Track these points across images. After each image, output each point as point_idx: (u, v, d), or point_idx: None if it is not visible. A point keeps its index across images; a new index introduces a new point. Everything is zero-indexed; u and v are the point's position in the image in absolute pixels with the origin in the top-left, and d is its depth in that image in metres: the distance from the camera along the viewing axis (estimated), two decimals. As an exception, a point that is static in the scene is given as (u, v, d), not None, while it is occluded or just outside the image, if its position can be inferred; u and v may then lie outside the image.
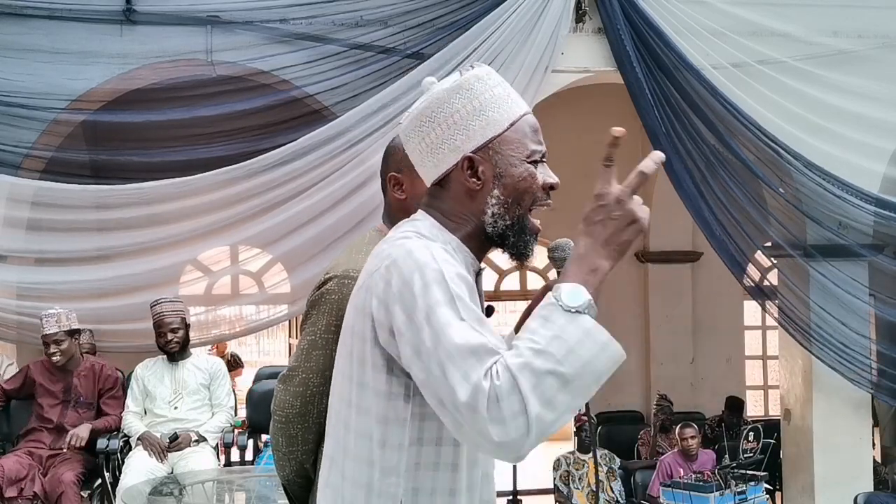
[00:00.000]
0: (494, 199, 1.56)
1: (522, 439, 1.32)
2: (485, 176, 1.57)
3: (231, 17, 5.54)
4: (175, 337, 5.35)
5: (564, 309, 1.36)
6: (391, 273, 1.46)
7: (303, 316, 2.13)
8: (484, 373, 1.34)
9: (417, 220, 1.61)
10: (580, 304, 1.36)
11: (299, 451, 2.08)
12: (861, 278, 6.09)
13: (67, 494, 4.94)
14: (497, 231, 1.58)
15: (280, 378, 2.10)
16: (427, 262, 1.44)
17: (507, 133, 1.57)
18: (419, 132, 1.60)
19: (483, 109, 1.56)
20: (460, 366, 1.35)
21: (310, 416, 2.04)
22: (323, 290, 2.04)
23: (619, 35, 5.65)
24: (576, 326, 1.35)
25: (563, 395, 1.33)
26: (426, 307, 1.40)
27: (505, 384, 1.32)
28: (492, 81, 1.60)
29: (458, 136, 1.56)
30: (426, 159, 1.61)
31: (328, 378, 2.03)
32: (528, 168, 1.57)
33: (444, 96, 1.58)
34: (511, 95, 1.61)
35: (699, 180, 5.80)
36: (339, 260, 2.10)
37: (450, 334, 1.38)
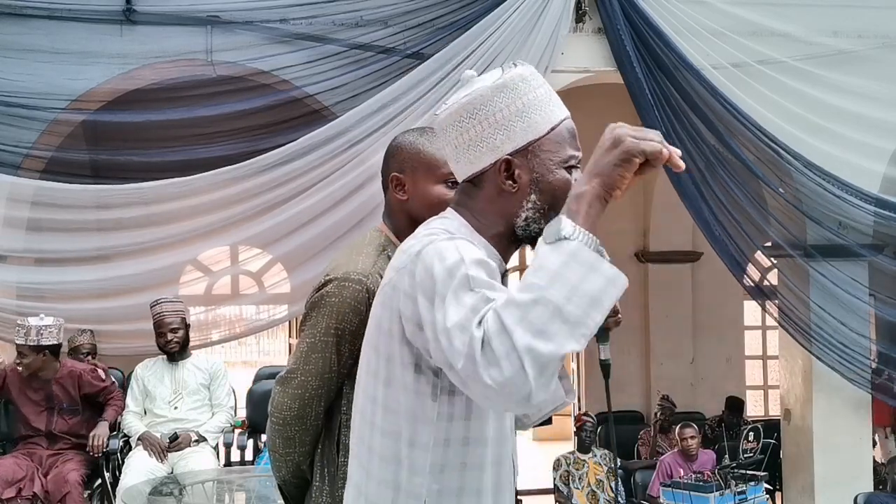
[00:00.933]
0: (530, 204, 1.55)
1: (520, 375, 1.27)
2: (521, 179, 1.54)
3: (231, 17, 5.54)
4: (175, 337, 5.35)
5: (546, 241, 1.34)
6: (416, 265, 1.45)
7: (302, 317, 2.12)
8: (477, 322, 1.32)
9: (447, 217, 1.59)
10: (563, 232, 1.33)
11: (296, 453, 2.07)
12: (861, 278, 6.09)
13: (72, 494, 4.94)
14: (529, 234, 1.56)
15: (278, 380, 2.09)
16: (449, 250, 1.42)
17: (547, 137, 1.55)
18: (458, 127, 1.57)
19: (526, 111, 1.54)
20: (463, 328, 1.33)
21: (307, 418, 2.03)
22: (322, 293, 2.03)
23: (619, 35, 5.65)
24: (558, 253, 1.32)
25: (556, 323, 1.28)
26: (443, 291, 1.38)
27: (492, 325, 1.30)
28: (535, 82, 1.57)
29: (499, 135, 1.54)
30: (462, 155, 1.58)
31: (326, 380, 2.03)
32: (564, 175, 1.55)
33: (488, 94, 1.55)
34: (552, 98, 1.59)
35: (699, 180, 5.80)
36: (339, 261, 2.09)
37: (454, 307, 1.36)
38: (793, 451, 6.51)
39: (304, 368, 2.02)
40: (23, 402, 5.26)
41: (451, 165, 1.62)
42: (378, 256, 2.07)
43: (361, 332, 2.02)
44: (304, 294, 2.11)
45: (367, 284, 2.00)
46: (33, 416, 5.26)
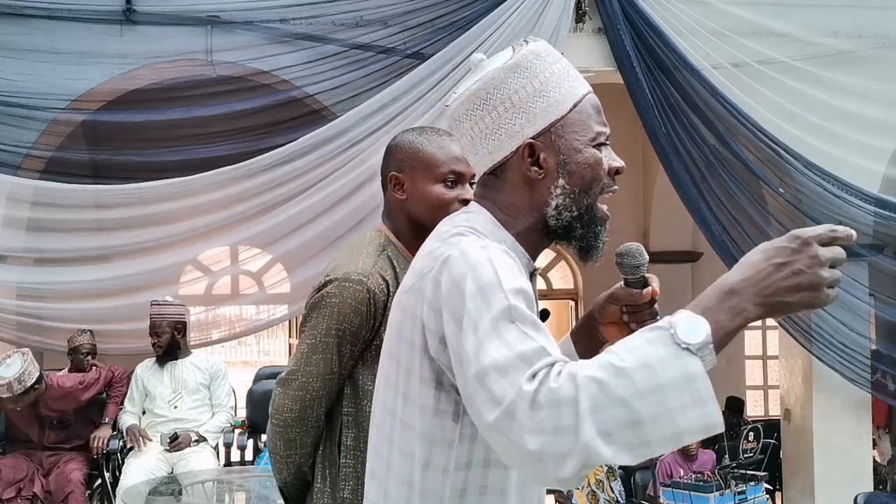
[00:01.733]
0: (560, 189, 1.41)
1: (562, 460, 1.10)
2: (547, 164, 1.40)
3: (231, 18, 5.54)
4: (158, 341, 5.35)
5: (674, 340, 1.13)
6: (443, 274, 1.30)
7: (302, 318, 2.11)
8: (530, 375, 1.14)
9: (472, 212, 1.45)
10: (697, 341, 1.12)
11: (297, 455, 2.07)
12: (861, 278, 6.09)
13: (75, 494, 4.94)
14: (562, 223, 1.42)
15: (279, 381, 2.08)
16: (482, 263, 1.27)
17: (570, 115, 1.41)
18: (471, 116, 1.43)
19: (544, 90, 1.40)
20: (505, 374, 1.16)
21: (308, 420, 2.03)
22: (323, 293, 2.02)
23: (619, 35, 5.64)
24: (678, 365, 1.11)
25: (628, 434, 1.10)
26: (475, 313, 1.23)
27: (561, 391, 1.11)
28: (550, 58, 1.44)
29: (518, 119, 1.40)
30: (479, 146, 1.44)
31: (328, 382, 2.02)
32: (593, 153, 1.42)
33: (500, 76, 1.41)
34: (570, 72, 1.46)
35: (699, 180, 5.80)
36: (340, 261, 2.08)
37: (496, 342, 1.19)
38: (793, 451, 6.51)
39: (305, 370, 2.02)
40: (14, 415, 5.25)
41: (469, 159, 1.49)
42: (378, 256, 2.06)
43: (362, 333, 2.02)
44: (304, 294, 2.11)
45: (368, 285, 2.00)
46: (24, 427, 5.25)
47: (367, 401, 1.95)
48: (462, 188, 2.11)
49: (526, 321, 1.21)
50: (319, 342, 2.01)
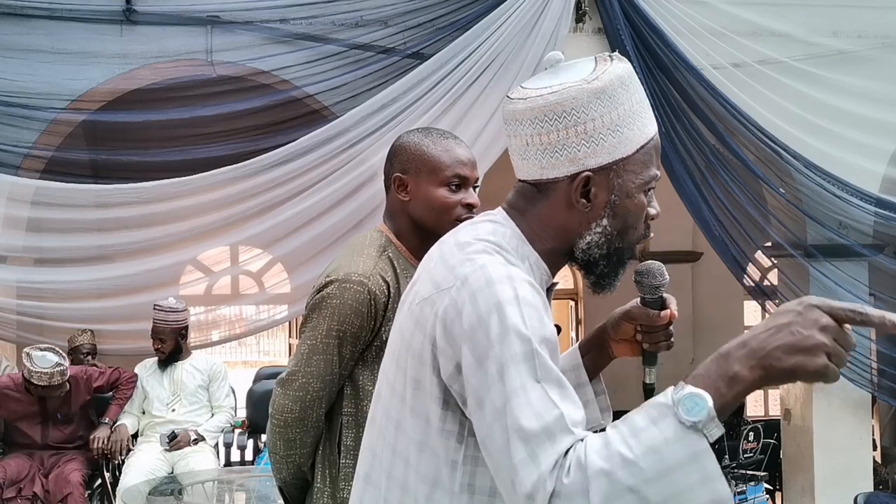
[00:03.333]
0: (600, 229, 1.37)
1: None
2: (596, 199, 1.36)
3: (231, 18, 5.54)
4: (162, 346, 5.35)
5: (679, 419, 1.12)
6: (464, 300, 1.26)
7: (302, 318, 2.11)
8: (554, 461, 1.14)
9: (498, 222, 1.40)
10: (699, 418, 1.11)
11: (297, 455, 2.07)
12: (861, 278, 6.09)
13: (74, 495, 4.93)
14: (588, 258, 1.39)
15: (279, 381, 2.08)
16: (509, 300, 1.23)
17: (634, 156, 1.37)
18: (538, 125, 1.35)
19: (620, 124, 1.35)
20: (529, 443, 1.16)
21: (309, 420, 2.03)
22: (323, 294, 2.02)
23: (619, 35, 5.64)
24: (683, 445, 1.11)
25: None
26: (500, 358, 1.20)
27: (573, 485, 1.12)
28: (633, 87, 1.38)
29: (584, 147, 1.34)
30: (533, 155, 1.37)
31: (328, 383, 2.02)
32: (641, 199, 1.39)
33: (584, 98, 1.33)
34: (645, 107, 1.40)
35: (699, 180, 5.80)
36: (340, 262, 2.07)
37: (523, 400, 1.18)
38: (793, 451, 6.50)
39: (306, 370, 2.02)
40: (16, 415, 5.22)
41: (512, 158, 1.43)
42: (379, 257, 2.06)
43: (363, 334, 2.02)
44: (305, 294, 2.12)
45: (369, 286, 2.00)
46: (26, 428, 5.23)
47: (367, 401, 1.95)
48: (466, 192, 2.10)
49: (551, 380, 1.20)
50: (320, 343, 2.00)
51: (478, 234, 1.37)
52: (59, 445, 5.24)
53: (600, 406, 1.58)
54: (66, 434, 5.27)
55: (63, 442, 5.25)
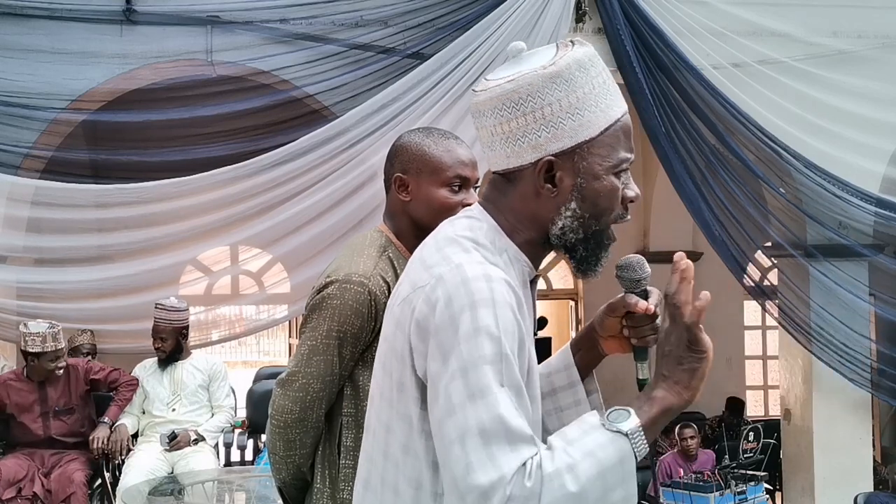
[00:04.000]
0: (570, 213, 1.37)
1: None
2: (562, 183, 1.36)
3: (231, 18, 5.54)
4: (162, 345, 5.35)
5: (607, 427, 1.24)
6: (438, 297, 1.27)
7: (302, 319, 2.11)
8: (517, 467, 1.19)
9: (475, 217, 1.41)
10: (627, 429, 1.24)
11: (297, 455, 2.06)
12: (861, 278, 6.09)
13: (77, 495, 4.93)
14: (565, 243, 1.39)
15: (279, 382, 2.07)
16: (483, 301, 1.25)
17: (598, 138, 1.35)
18: (498, 114, 1.36)
19: (579, 107, 1.34)
20: (489, 445, 1.20)
21: (309, 420, 2.02)
22: (324, 294, 2.01)
23: (619, 35, 5.64)
24: (615, 449, 1.23)
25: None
26: (466, 357, 1.22)
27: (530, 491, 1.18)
28: (594, 70, 1.36)
29: (545, 133, 1.34)
30: (499, 145, 1.38)
31: (328, 383, 2.01)
32: (612, 182, 1.37)
33: (539, 83, 1.33)
34: (611, 89, 1.38)
35: (699, 180, 5.80)
36: (340, 263, 2.06)
37: (488, 402, 1.21)
38: (793, 451, 6.51)
39: (306, 371, 2.01)
40: (18, 410, 5.22)
41: (484, 152, 1.44)
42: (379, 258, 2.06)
43: (363, 335, 2.02)
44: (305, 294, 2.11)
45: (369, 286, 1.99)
46: (29, 423, 5.22)
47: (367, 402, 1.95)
48: (467, 192, 2.10)
49: (514, 388, 1.24)
50: (320, 344, 2.00)
51: (455, 231, 1.38)
52: (62, 439, 5.23)
53: (592, 405, 1.57)
54: (68, 425, 5.26)
55: (65, 435, 5.24)
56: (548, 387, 1.56)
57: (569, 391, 1.57)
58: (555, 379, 1.56)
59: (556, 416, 1.55)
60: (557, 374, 1.57)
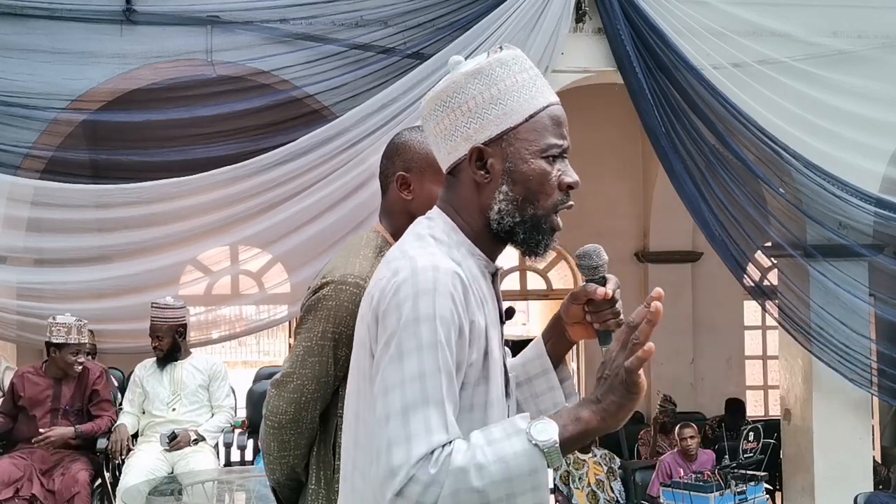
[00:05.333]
0: (502, 196, 1.47)
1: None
2: (493, 169, 1.47)
3: (231, 18, 5.54)
4: (159, 344, 5.35)
5: (528, 437, 1.32)
6: (390, 288, 1.39)
7: (299, 319, 2.10)
8: (424, 452, 1.29)
9: (431, 218, 1.53)
10: (544, 439, 1.32)
11: (291, 456, 2.05)
12: (861, 278, 6.09)
13: (81, 495, 4.93)
14: (503, 228, 1.48)
15: (273, 382, 2.06)
16: (425, 290, 1.35)
17: (524, 125, 1.46)
18: (434, 116, 1.51)
19: (501, 98, 1.46)
20: (408, 425, 1.31)
21: (303, 422, 2.01)
22: (319, 296, 2.00)
23: (619, 35, 5.64)
24: (528, 459, 1.31)
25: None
26: (404, 343, 1.34)
27: (434, 476, 1.28)
28: (517, 67, 1.50)
29: (472, 124, 1.47)
30: (440, 145, 1.52)
31: (323, 385, 2.00)
32: (540, 164, 1.46)
33: (462, 80, 1.49)
34: (537, 82, 1.50)
35: (699, 180, 5.80)
36: (336, 263, 2.05)
37: (416, 387, 1.32)
38: (793, 451, 6.51)
39: (301, 372, 2.00)
40: (31, 404, 5.24)
41: (436, 155, 1.56)
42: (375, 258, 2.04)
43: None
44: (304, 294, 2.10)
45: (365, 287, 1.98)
46: (40, 419, 5.22)
47: None
48: None
49: (447, 375, 1.34)
50: (315, 345, 1.99)
51: (417, 229, 1.51)
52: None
53: (566, 391, 1.65)
54: (73, 425, 5.26)
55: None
56: (524, 375, 1.67)
57: (542, 378, 1.66)
58: (529, 368, 1.66)
59: (532, 402, 1.66)
60: (531, 363, 1.67)
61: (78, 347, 5.18)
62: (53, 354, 5.19)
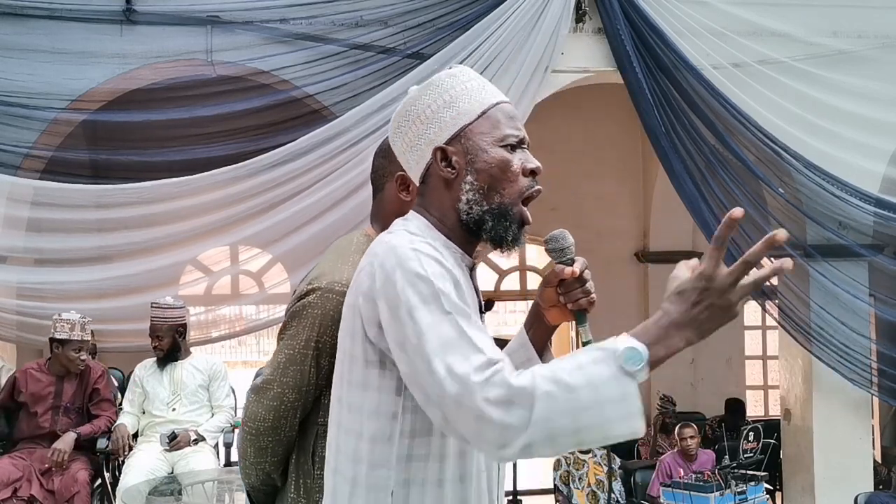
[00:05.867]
0: (468, 185, 1.56)
1: (503, 450, 1.34)
2: (458, 164, 1.57)
3: (231, 17, 5.54)
4: (159, 344, 5.35)
5: (618, 363, 1.34)
6: (375, 268, 1.47)
7: (282, 324, 2.06)
8: (474, 368, 1.34)
9: (408, 219, 1.62)
10: (636, 368, 1.34)
11: (267, 463, 2.03)
12: (861, 278, 6.09)
13: (81, 494, 4.93)
14: (472, 218, 1.56)
15: (253, 388, 2.04)
16: (409, 257, 1.45)
17: (478, 121, 1.57)
18: (399, 133, 1.63)
19: (453, 101, 1.58)
20: (445, 360, 1.36)
21: (282, 430, 1.99)
22: (305, 303, 1.97)
23: (619, 35, 5.64)
24: (618, 385, 1.33)
25: (567, 439, 1.34)
26: (409, 302, 1.41)
27: (520, 397, 1.32)
28: (464, 77, 1.62)
29: (432, 129, 1.58)
30: (409, 158, 1.63)
31: (303, 393, 1.97)
32: (500, 152, 1.56)
33: (416, 94, 1.62)
34: (486, 87, 1.62)
35: (699, 180, 5.80)
36: (324, 269, 2.02)
37: (435, 329, 1.39)
38: (793, 451, 6.51)
39: (282, 381, 1.97)
40: (32, 401, 5.26)
41: (408, 173, 1.66)
42: None
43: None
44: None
45: None
46: (40, 415, 5.24)
47: None
48: None
49: (459, 312, 1.41)
50: (298, 353, 1.96)
51: (393, 228, 1.60)
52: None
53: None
54: (74, 423, 5.28)
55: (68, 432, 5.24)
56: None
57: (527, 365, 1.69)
58: (514, 358, 1.67)
59: None
60: (515, 353, 1.74)
61: (80, 344, 5.22)
62: (56, 351, 5.21)
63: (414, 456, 1.52)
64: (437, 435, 1.52)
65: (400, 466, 1.51)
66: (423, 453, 1.52)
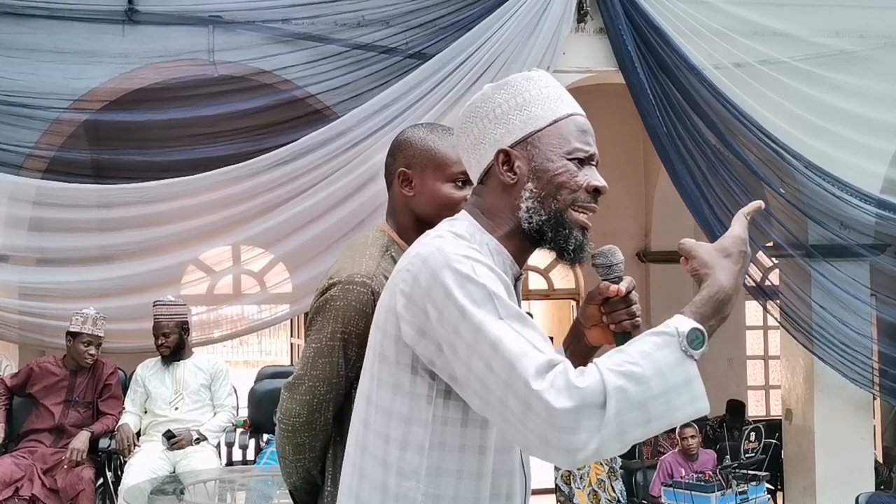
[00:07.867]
0: (528, 193, 1.51)
1: (574, 455, 1.28)
2: (520, 170, 1.52)
3: (233, 17, 5.55)
4: (166, 341, 5.36)
5: (681, 347, 1.32)
6: (419, 269, 1.41)
7: (307, 321, 2.08)
8: (536, 370, 1.28)
9: (457, 220, 1.56)
10: (698, 351, 1.33)
11: (306, 459, 2.04)
12: (862, 279, 6.09)
13: (86, 492, 4.95)
14: (533, 227, 1.51)
15: (286, 386, 2.05)
16: (457, 259, 1.39)
17: (548, 129, 1.52)
18: (465, 129, 1.59)
19: (526, 105, 1.53)
20: (506, 362, 1.30)
21: (316, 423, 2.00)
22: (327, 297, 1.99)
23: (621, 35, 5.65)
24: (682, 370, 1.31)
25: (637, 431, 1.29)
26: (460, 304, 1.35)
27: (592, 395, 1.27)
28: (542, 82, 1.57)
29: (498, 130, 1.53)
30: (472, 156, 1.58)
31: (335, 385, 1.99)
32: (566, 164, 1.51)
33: (489, 92, 1.57)
34: (563, 96, 1.57)
35: (700, 180, 5.80)
36: (342, 263, 2.03)
37: (492, 331, 1.33)
38: (794, 451, 6.51)
39: (312, 374, 1.99)
40: (43, 393, 5.31)
41: (468, 172, 1.63)
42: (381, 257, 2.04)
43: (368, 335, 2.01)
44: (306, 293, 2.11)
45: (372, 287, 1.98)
46: (51, 406, 5.28)
47: None
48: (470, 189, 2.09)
49: (513, 317, 1.35)
50: (325, 346, 1.98)
51: (437, 229, 1.54)
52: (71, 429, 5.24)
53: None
54: (82, 418, 5.31)
55: (76, 426, 5.27)
56: None
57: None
58: None
59: None
60: None
61: (90, 339, 5.30)
62: (69, 343, 5.30)
63: (444, 470, 1.45)
64: (471, 451, 1.46)
65: (429, 479, 1.45)
66: (455, 469, 1.46)
